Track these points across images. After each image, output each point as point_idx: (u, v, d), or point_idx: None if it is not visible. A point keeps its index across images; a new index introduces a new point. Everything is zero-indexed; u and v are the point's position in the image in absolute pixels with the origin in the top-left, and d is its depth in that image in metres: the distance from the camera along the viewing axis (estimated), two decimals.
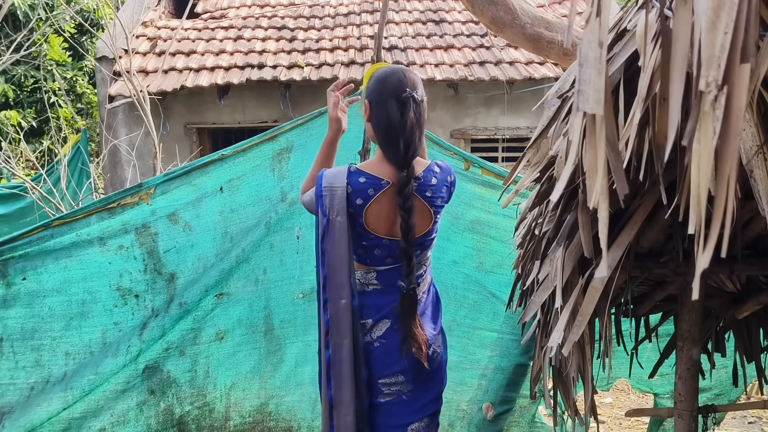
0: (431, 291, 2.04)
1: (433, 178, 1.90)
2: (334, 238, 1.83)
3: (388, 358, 1.92)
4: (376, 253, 1.90)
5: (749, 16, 0.73)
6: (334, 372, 1.85)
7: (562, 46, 3.75)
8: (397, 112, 1.82)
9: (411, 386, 1.96)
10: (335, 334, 1.85)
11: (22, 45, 6.57)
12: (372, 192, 1.85)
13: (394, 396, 1.95)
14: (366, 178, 1.85)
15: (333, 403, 1.86)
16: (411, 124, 1.82)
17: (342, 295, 1.84)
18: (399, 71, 1.87)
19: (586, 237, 1.29)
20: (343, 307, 1.85)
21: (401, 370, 1.93)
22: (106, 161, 7.00)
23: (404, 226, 1.82)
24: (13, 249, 2.16)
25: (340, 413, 1.85)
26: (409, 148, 1.82)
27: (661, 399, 2.96)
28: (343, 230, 1.83)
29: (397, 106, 1.82)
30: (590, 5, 0.90)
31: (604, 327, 1.70)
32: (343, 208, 1.83)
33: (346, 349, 1.84)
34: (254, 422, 2.64)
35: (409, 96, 1.82)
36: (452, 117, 7.42)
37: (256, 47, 7.36)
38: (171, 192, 2.35)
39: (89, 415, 2.28)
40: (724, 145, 0.75)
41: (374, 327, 1.92)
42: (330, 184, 1.85)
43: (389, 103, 1.83)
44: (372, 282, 1.93)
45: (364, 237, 1.88)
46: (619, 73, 1.14)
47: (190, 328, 2.43)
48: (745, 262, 1.78)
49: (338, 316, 1.85)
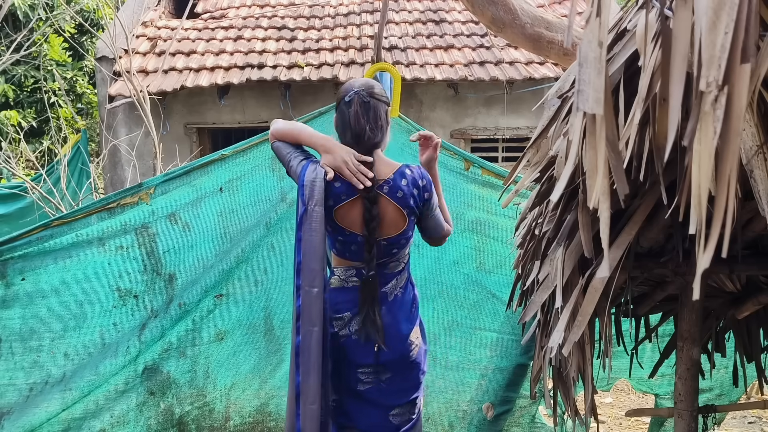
0: (408, 289, 2.09)
1: (402, 180, 1.98)
2: (310, 226, 1.89)
3: (364, 348, 1.99)
4: (353, 249, 1.98)
5: (749, 16, 0.73)
6: (303, 359, 1.88)
7: (562, 46, 3.75)
8: (345, 112, 1.96)
9: (389, 374, 2.03)
10: (306, 321, 1.88)
11: (22, 45, 6.56)
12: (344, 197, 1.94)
13: (372, 384, 2.03)
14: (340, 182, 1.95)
15: (300, 390, 1.88)
16: (356, 116, 1.94)
17: (314, 283, 1.89)
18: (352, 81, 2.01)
19: (586, 237, 1.29)
20: (316, 295, 1.89)
21: (377, 361, 2.00)
22: (106, 161, 7.00)
23: (367, 215, 1.92)
24: (13, 249, 2.16)
25: (307, 401, 1.87)
26: (359, 138, 1.94)
27: (661, 399, 2.96)
28: (320, 220, 1.90)
29: (345, 107, 1.96)
30: (590, 5, 0.90)
31: (604, 327, 1.69)
32: (321, 199, 1.90)
33: (315, 336, 1.88)
34: (254, 422, 2.64)
35: (354, 94, 1.95)
36: (452, 117, 7.42)
37: (256, 47, 7.35)
38: (171, 192, 2.35)
39: (88, 416, 2.28)
40: (724, 145, 0.74)
41: (352, 320, 1.99)
42: (310, 175, 1.93)
43: (339, 107, 1.99)
44: (352, 279, 2.01)
45: (339, 232, 1.96)
46: (619, 73, 1.14)
47: (189, 329, 2.42)
48: (745, 262, 1.78)
49: (310, 304, 1.89)
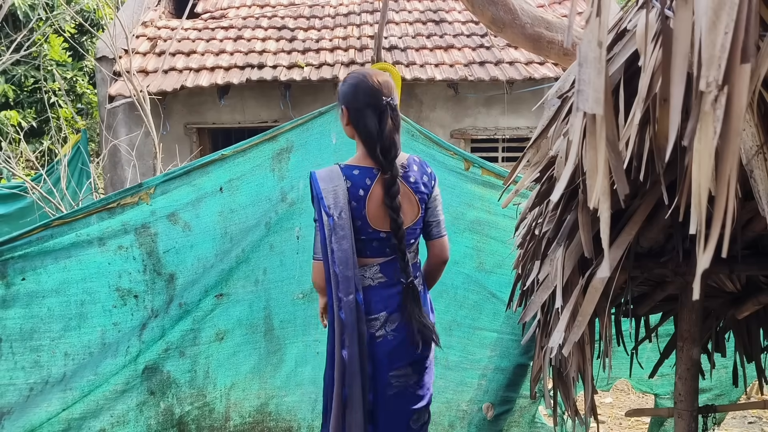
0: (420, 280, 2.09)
1: (414, 166, 2.02)
2: (339, 236, 1.88)
3: (400, 350, 1.98)
4: (374, 245, 1.97)
5: (749, 16, 0.73)
6: (349, 369, 1.88)
7: (562, 46, 3.75)
8: (376, 122, 1.91)
9: (415, 377, 2.03)
10: (351, 331, 1.88)
11: (22, 45, 6.56)
12: (369, 182, 1.93)
13: (401, 387, 2.01)
14: (359, 170, 1.93)
15: (347, 402, 1.89)
16: (389, 130, 1.91)
17: (350, 290, 1.90)
18: (370, 77, 1.93)
19: (587, 237, 1.29)
20: (353, 302, 1.90)
21: (410, 362, 2.00)
22: (106, 161, 7.00)
23: (393, 225, 1.91)
24: (13, 249, 2.16)
25: (352, 410, 1.88)
26: (390, 152, 1.91)
27: (661, 399, 2.95)
28: (347, 227, 1.89)
29: (376, 116, 1.91)
30: (590, 5, 0.90)
31: (604, 327, 1.69)
32: (345, 204, 1.89)
33: (356, 345, 1.88)
34: (254, 422, 2.64)
35: (386, 104, 1.91)
36: (452, 117, 7.42)
37: (256, 47, 7.35)
38: (171, 192, 2.35)
39: (89, 416, 2.28)
40: (724, 145, 0.74)
41: (388, 320, 1.97)
42: (327, 184, 1.90)
43: (367, 113, 1.91)
44: (377, 276, 1.98)
45: (362, 230, 1.94)
46: (619, 73, 1.13)
47: (189, 329, 2.42)
48: (745, 262, 1.78)
49: (351, 312, 1.89)
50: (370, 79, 1.93)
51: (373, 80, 1.93)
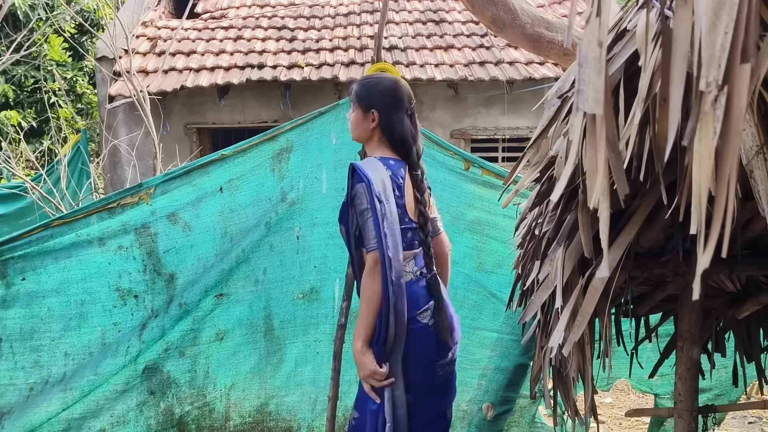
0: None
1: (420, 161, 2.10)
2: (389, 220, 1.91)
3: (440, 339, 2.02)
4: (408, 236, 2.00)
5: (749, 16, 0.73)
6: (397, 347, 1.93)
7: (562, 46, 3.75)
8: (408, 125, 2.02)
9: (452, 367, 2.09)
10: (400, 311, 1.92)
11: (22, 45, 6.56)
12: (404, 172, 2.00)
13: (445, 375, 2.06)
14: (393, 161, 2.00)
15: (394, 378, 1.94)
16: (414, 132, 2.03)
17: (400, 274, 1.94)
18: (399, 81, 2.05)
19: (586, 237, 1.29)
20: (403, 285, 1.93)
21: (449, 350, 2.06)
22: (106, 161, 7.00)
23: (421, 218, 2.00)
24: (13, 249, 2.16)
25: (398, 388, 1.94)
26: (419, 152, 2.04)
27: (661, 399, 2.95)
28: (395, 212, 1.93)
29: (406, 119, 2.02)
30: (590, 5, 0.90)
31: (604, 327, 1.69)
32: (391, 192, 1.94)
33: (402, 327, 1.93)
34: (254, 422, 2.64)
35: (413, 109, 2.04)
36: (452, 117, 7.42)
37: (256, 47, 7.35)
38: (171, 192, 2.35)
39: (89, 416, 2.28)
40: (724, 145, 0.74)
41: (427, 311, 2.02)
42: (373, 173, 1.94)
43: (402, 117, 2.01)
44: (414, 270, 2.02)
45: (402, 219, 1.98)
46: (619, 73, 1.14)
47: (189, 329, 2.42)
48: (745, 262, 1.78)
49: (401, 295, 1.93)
50: (400, 83, 2.04)
51: (403, 84, 2.04)
